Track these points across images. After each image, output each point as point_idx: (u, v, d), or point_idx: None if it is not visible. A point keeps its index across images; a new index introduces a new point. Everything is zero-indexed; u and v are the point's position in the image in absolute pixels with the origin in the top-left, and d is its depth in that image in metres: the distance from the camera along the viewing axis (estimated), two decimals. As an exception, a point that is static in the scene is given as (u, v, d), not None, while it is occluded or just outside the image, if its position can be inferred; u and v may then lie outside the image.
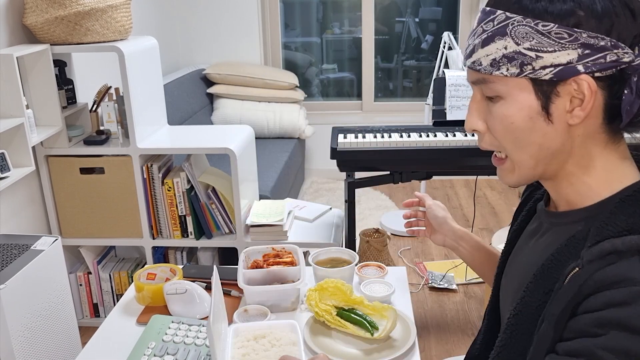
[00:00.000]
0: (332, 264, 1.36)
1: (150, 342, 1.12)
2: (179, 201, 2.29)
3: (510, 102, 0.77)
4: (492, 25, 0.76)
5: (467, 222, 3.49)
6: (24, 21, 2.13)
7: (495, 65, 0.76)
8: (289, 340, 1.07)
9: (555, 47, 0.72)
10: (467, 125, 0.83)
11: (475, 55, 0.78)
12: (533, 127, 0.76)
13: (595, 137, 0.76)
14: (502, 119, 0.78)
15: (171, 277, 1.35)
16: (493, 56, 0.76)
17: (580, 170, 0.79)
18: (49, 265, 1.78)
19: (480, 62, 0.77)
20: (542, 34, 0.72)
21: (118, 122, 2.36)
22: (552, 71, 0.73)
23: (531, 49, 0.73)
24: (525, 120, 0.76)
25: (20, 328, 1.63)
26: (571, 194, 0.81)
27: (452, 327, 2.45)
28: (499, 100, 0.78)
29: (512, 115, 0.77)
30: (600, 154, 0.78)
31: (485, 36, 0.76)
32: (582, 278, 0.69)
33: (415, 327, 1.16)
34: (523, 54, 0.73)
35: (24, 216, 2.22)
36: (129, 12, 2.25)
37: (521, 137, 0.78)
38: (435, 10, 4.25)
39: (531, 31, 0.73)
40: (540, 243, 0.85)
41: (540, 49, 0.72)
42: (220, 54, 4.03)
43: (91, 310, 2.49)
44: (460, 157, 2.11)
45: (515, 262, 0.92)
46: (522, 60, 0.73)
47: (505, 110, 0.77)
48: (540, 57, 0.73)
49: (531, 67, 0.73)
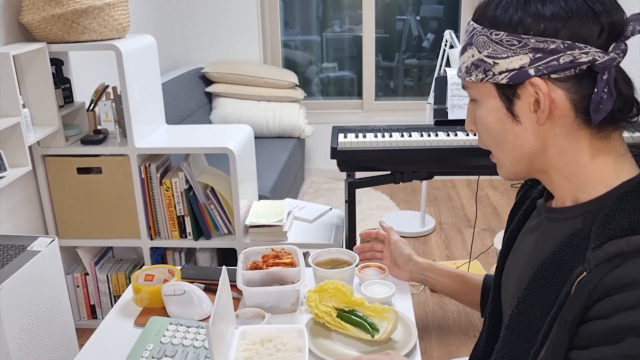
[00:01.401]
0: (332, 265, 1.35)
1: (148, 344, 1.11)
2: (177, 201, 2.27)
3: (483, 105, 0.84)
4: (467, 35, 0.84)
5: (468, 222, 3.48)
6: (21, 19, 2.11)
7: (468, 72, 0.84)
8: (295, 345, 1.06)
9: (508, 54, 0.78)
10: (466, 125, 0.91)
11: (459, 62, 0.87)
12: (503, 127, 0.83)
13: (575, 134, 0.78)
14: (479, 120, 0.86)
15: (169, 279, 1.34)
16: (466, 64, 0.83)
17: (571, 166, 0.81)
18: (46, 266, 1.77)
19: (460, 69, 0.86)
20: (495, 42, 0.79)
21: (115, 122, 2.35)
22: (507, 75, 0.79)
23: (489, 56, 0.80)
24: (496, 122, 0.83)
25: (17, 330, 1.62)
26: (568, 188, 0.82)
27: (454, 329, 2.43)
28: (477, 103, 0.86)
29: (485, 117, 0.84)
30: (586, 149, 0.79)
31: (463, 45, 0.85)
32: (591, 283, 0.70)
33: (416, 329, 1.16)
34: (484, 61, 0.80)
35: (21, 217, 2.21)
36: (126, 10, 2.24)
37: (496, 137, 0.85)
38: (436, 8, 4.24)
39: (487, 40, 0.79)
40: (539, 239, 0.86)
41: (495, 55, 0.79)
42: (219, 53, 4.02)
43: (88, 312, 2.48)
44: (462, 156, 2.10)
45: (515, 259, 0.93)
46: (484, 66, 0.80)
47: (480, 113, 0.85)
48: (497, 63, 0.79)
49: (492, 72, 0.80)
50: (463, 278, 1.24)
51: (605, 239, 0.71)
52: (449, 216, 3.59)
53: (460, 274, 1.25)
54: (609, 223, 0.72)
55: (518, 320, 0.81)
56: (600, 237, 0.72)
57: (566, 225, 0.81)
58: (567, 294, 0.72)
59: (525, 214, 0.97)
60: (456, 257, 3.05)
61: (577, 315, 0.70)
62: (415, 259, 1.30)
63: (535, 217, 0.92)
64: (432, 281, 1.27)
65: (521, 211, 0.98)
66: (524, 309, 0.80)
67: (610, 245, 0.70)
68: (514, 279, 0.90)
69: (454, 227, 3.42)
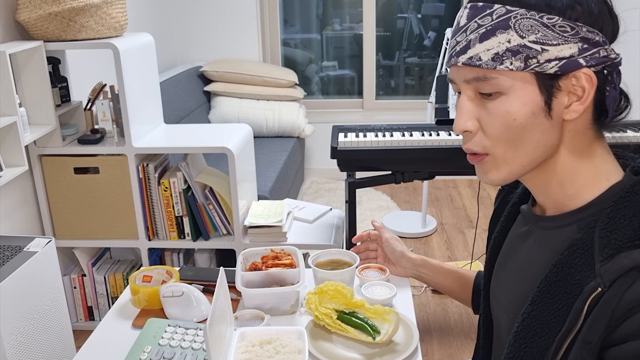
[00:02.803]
0: (332, 266, 1.34)
1: (146, 346, 1.11)
2: (175, 202, 2.26)
3: (513, 97, 0.75)
4: (491, 19, 0.75)
5: (470, 223, 3.47)
6: (17, 17, 2.11)
7: (497, 59, 0.74)
8: (295, 347, 1.05)
9: (559, 40, 0.72)
10: (459, 126, 0.80)
11: (471, 51, 0.76)
12: (534, 123, 0.76)
13: (585, 133, 0.77)
14: (503, 116, 0.76)
15: (167, 280, 1.34)
16: (495, 50, 0.74)
17: (571, 169, 0.79)
18: (43, 267, 1.76)
19: (479, 57, 0.76)
20: (547, 26, 0.72)
21: (113, 121, 2.34)
22: (557, 64, 0.73)
23: (536, 42, 0.73)
24: (528, 116, 0.75)
25: (13, 332, 1.61)
26: (560, 194, 0.80)
27: (455, 331, 2.42)
28: (499, 96, 0.76)
29: (516, 111, 0.75)
30: (588, 151, 0.78)
31: (483, 30, 0.75)
32: (612, 301, 0.68)
33: (417, 331, 1.15)
34: (528, 47, 0.73)
35: (17, 217, 2.20)
36: (124, 8, 2.24)
37: (520, 134, 0.77)
38: (438, 6, 4.24)
39: (536, 24, 0.73)
40: (533, 249, 0.84)
41: (545, 42, 0.73)
42: (218, 51, 4.02)
43: (85, 314, 2.48)
44: (464, 156, 2.04)
45: (505, 268, 0.91)
46: (528, 53, 0.73)
47: (508, 107, 0.76)
48: (546, 50, 0.73)
49: (536, 60, 0.73)
50: (456, 274, 1.24)
51: (613, 250, 0.70)
52: (450, 217, 3.58)
53: (453, 270, 1.25)
54: (613, 232, 0.71)
55: (524, 337, 0.78)
56: (606, 248, 0.70)
57: (561, 233, 0.79)
58: (580, 309, 0.71)
59: (508, 220, 0.96)
60: (458, 258, 3.04)
61: (601, 336, 0.69)
62: (408, 255, 1.31)
63: (521, 223, 0.90)
64: (426, 277, 1.28)
65: (503, 217, 0.97)
66: (530, 324, 0.78)
67: (623, 258, 0.68)
68: (508, 290, 0.88)
69: (456, 228, 3.41)
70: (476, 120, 0.79)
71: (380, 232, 1.37)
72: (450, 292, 1.26)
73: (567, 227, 0.79)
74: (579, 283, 0.72)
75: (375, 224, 1.39)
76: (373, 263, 1.37)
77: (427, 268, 1.28)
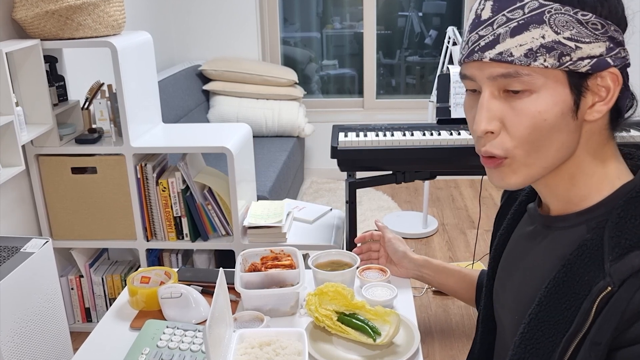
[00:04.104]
0: (332, 267, 1.34)
1: (145, 348, 1.11)
2: (174, 202, 2.26)
3: (544, 96, 0.72)
4: (522, 12, 0.71)
5: (472, 223, 3.46)
6: (14, 15, 2.10)
7: (531, 55, 0.71)
8: (295, 349, 1.05)
9: (591, 38, 0.70)
10: (481, 127, 0.75)
11: (501, 46, 0.72)
12: (562, 124, 0.73)
13: (601, 134, 0.77)
14: (534, 116, 0.72)
15: (166, 281, 1.33)
16: (528, 46, 0.71)
17: (586, 170, 0.78)
18: (40, 268, 1.76)
19: (511, 53, 0.71)
20: (580, 23, 0.70)
21: (111, 120, 2.34)
22: (589, 63, 0.71)
23: (571, 38, 0.70)
24: (557, 116, 0.72)
25: (10, 333, 1.61)
26: (570, 195, 0.79)
27: (457, 333, 2.41)
28: (529, 94, 0.73)
29: (547, 110, 0.72)
30: (601, 152, 0.77)
31: (514, 25, 0.71)
32: (622, 302, 0.67)
33: (418, 333, 1.15)
34: (563, 44, 0.70)
35: (14, 217, 2.19)
36: (122, 6, 2.24)
37: (547, 135, 0.73)
38: (439, 4, 4.23)
39: (571, 20, 0.70)
40: (540, 249, 0.83)
41: (579, 39, 0.70)
42: (217, 50, 4.01)
43: (83, 315, 2.47)
44: (465, 156, 2.09)
45: (510, 268, 0.90)
46: (562, 50, 0.70)
47: (539, 106, 0.72)
48: (579, 47, 0.70)
49: (569, 58, 0.70)
50: (459, 274, 1.23)
51: (623, 250, 0.69)
52: (451, 217, 3.57)
53: (456, 269, 1.24)
54: (623, 232, 0.70)
55: (530, 338, 0.77)
56: (617, 248, 0.69)
57: (569, 234, 0.78)
58: (588, 310, 0.70)
59: (514, 218, 0.95)
60: (459, 258, 3.03)
61: (610, 337, 0.68)
62: (410, 255, 1.30)
63: (527, 222, 0.89)
64: (428, 277, 1.27)
65: (509, 215, 0.96)
66: (537, 325, 0.76)
67: (633, 258, 0.67)
68: (513, 291, 0.87)
69: (457, 228, 3.40)
70: (498, 120, 0.75)
71: (383, 232, 1.36)
72: (454, 292, 1.25)
73: (576, 228, 0.78)
74: (588, 283, 0.71)
75: (379, 224, 1.39)
76: (374, 264, 1.37)
77: (429, 268, 1.27)
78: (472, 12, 0.76)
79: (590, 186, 0.78)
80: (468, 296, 1.22)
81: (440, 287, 1.26)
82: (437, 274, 1.26)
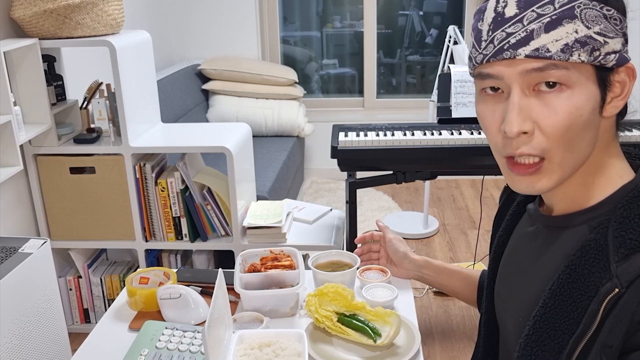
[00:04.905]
0: (332, 268, 1.34)
1: (143, 349, 1.11)
2: (173, 202, 2.25)
3: (579, 91, 0.71)
4: (553, 8, 0.70)
5: (473, 223, 3.45)
6: (12, 14, 2.09)
7: (567, 50, 0.70)
8: (294, 350, 1.05)
9: (614, 33, 0.71)
10: (515, 128, 0.71)
11: (536, 42, 0.70)
12: (592, 120, 0.73)
13: (610, 131, 0.76)
14: (571, 112, 0.71)
15: (165, 281, 1.33)
16: (564, 41, 0.70)
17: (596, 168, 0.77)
18: (38, 268, 1.75)
19: (547, 49, 0.70)
20: (606, 18, 0.71)
21: (109, 120, 2.34)
22: (615, 57, 0.71)
23: (600, 33, 0.70)
24: (590, 112, 0.72)
25: (7, 334, 1.60)
26: (577, 194, 0.78)
27: (458, 334, 2.40)
28: (564, 90, 0.71)
29: (583, 106, 0.71)
30: (609, 149, 0.77)
31: (547, 20, 0.70)
32: (632, 303, 0.66)
33: (419, 334, 1.14)
34: (594, 39, 0.70)
35: (12, 218, 2.18)
36: (120, 5, 2.23)
37: (580, 132, 0.72)
38: (440, 3, 4.23)
39: (599, 15, 0.70)
40: (542, 250, 0.83)
41: (606, 34, 0.71)
42: (216, 49, 4.01)
43: (81, 316, 2.47)
44: (466, 156, 2.08)
45: (512, 269, 0.90)
46: (593, 45, 0.70)
47: (576, 102, 0.71)
48: (607, 42, 0.71)
49: (599, 53, 0.71)
50: (460, 274, 1.23)
51: (629, 250, 0.68)
52: (452, 217, 3.56)
53: (457, 270, 1.24)
54: (627, 232, 0.70)
55: (536, 340, 0.76)
56: (622, 248, 0.69)
57: (571, 234, 0.78)
58: (595, 311, 0.69)
59: (513, 219, 0.95)
60: (460, 259, 3.02)
61: (622, 340, 0.67)
62: (410, 256, 1.30)
63: (528, 223, 0.89)
64: (429, 278, 1.27)
65: (508, 215, 0.96)
66: (542, 327, 0.76)
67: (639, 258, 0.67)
68: (515, 292, 0.87)
69: (458, 229, 3.39)
70: (531, 119, 0.72)
71: (384, 232, 1.36)
72: (455, 293, 1.25)
73: (578, 227, 0.77)
74: (594, 284, 0.70)
75: (380, 224, 1.39)
76: (374, 264, 1.37)
77: (429, 269, 1.27)
78: (489, 10, 0.74)
79: (598, 185, 0.77)
80: (469, 297, 1.21)
81: (441, 288, 1.26)
82: (437, 274, 1.25)
